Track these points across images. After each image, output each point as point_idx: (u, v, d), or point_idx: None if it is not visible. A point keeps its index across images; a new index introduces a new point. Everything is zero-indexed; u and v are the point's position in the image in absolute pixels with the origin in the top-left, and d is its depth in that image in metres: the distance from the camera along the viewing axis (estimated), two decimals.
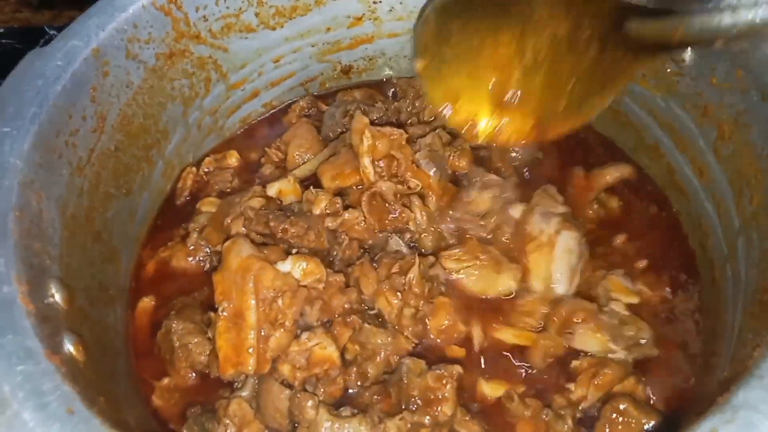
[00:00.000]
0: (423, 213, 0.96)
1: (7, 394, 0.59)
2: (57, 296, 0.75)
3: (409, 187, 0.98)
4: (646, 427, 0.79)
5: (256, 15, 1.06)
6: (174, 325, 0.89)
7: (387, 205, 0.96)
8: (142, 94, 0.97)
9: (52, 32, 1.53)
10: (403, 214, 0.96)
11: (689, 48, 0.91)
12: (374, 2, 1.13)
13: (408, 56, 1.21)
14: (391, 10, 1.15)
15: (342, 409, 0.81)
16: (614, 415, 0.80)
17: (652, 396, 0.84)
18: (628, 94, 1.05)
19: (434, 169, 0.98)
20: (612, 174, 1.05)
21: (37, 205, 0.76)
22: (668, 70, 0.97)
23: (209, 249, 0.98)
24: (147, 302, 0.96)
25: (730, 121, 0.89)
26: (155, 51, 0.97)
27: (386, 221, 0.96)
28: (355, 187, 0.99)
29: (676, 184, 1.02)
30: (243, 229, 0.93)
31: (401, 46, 1.20)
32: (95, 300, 0.85)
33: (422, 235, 0.97)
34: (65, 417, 0.58)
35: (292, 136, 1.09)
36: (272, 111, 1.19)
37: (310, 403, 0.79)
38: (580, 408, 0.83)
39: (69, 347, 0.71)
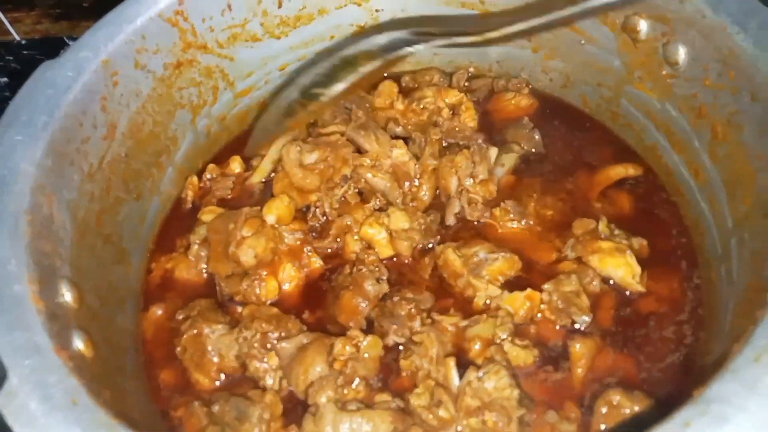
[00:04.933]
0: (375, 176, 1.02)
1: (15, 386, 0.63)
2: (67, 295, 0.78)
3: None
4: (638, 412, 0.81)
5: (261, 25, 1.10)
6: (206, 329, 0.92)
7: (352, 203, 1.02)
8: (152, 103, 1.01)
9: (71, 43, 1.57)
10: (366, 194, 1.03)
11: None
12: (376, 11, 1.16)
13: (410, 62, 1.23)
14: (392, 18, 1.17)
15: (349, 402, 0.84)
16: (605, 409, 0.82)
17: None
18: (625, 96, 1.07)
19: (369, 134, 1.03)
20: (617, 171, 1.06)
21: (48, 209, 0.80)
22: (663, 72, 0.98)
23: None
24: (154, 311, 0.99)
25: (723, 121, 0.90)
26: (163, 61, 1.00)
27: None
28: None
29: (673, 185, 1.03)
30: None
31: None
32: (105, 300, 0.89)
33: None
34: (69, 407, 0.62)
35: None
36: None
37: (330, 393, 0.83)
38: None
39: (78, 344, 0.75)
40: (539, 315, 0.91)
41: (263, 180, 1.10)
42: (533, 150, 1.10)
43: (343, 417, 0.81)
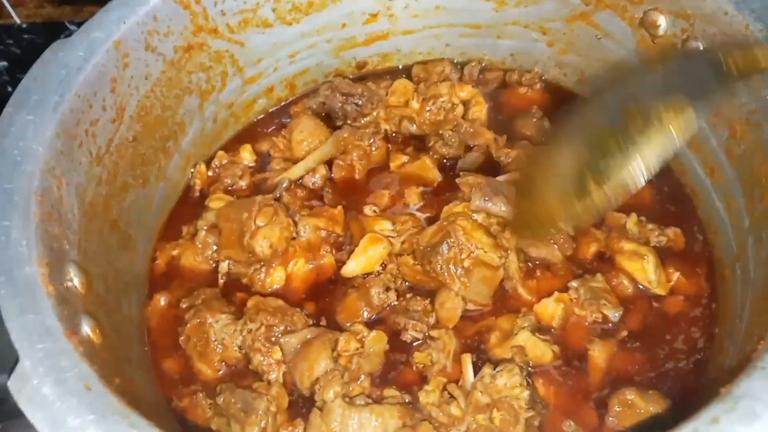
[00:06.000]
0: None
1: (28, 370, 0.61)
2: (75, 280, 0.77)
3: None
4: (653, 412, 0.80)
5: (273, 10, 1.08)
6: (210, 318, 0.90)
7: None
8: (161, 86, 0.99)
9: (72, 27, 1.55)
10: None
11: None
12: None
13: (422, 53, 1.22)
14: (406, 7, 1.16)
15: (357, 397, 0.82)
16: (619, 408, 0.81)
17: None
18: None
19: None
20: None
21: (57, 191, 0.78)
22: None
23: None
24: (158, 299, 0.98)
25: (741, 120, 0.89)
26: (174, 44, 0.99)
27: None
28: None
29: (688, 184, 1.03)
30: None
31: (416, 42, 1.21)
32: (111, 286, 0.87)
33: None
34: (82, 392, 0.60)
35: (295, 125, 1.11)
36: (286, 105, 1.21)
37: (337, 388, 0.82)
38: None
39: (86, 329, 0.73)
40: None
41: (290, 179, 1.07)
42: (543, 139, 1.08)
43: (351, 412, 0.80)
